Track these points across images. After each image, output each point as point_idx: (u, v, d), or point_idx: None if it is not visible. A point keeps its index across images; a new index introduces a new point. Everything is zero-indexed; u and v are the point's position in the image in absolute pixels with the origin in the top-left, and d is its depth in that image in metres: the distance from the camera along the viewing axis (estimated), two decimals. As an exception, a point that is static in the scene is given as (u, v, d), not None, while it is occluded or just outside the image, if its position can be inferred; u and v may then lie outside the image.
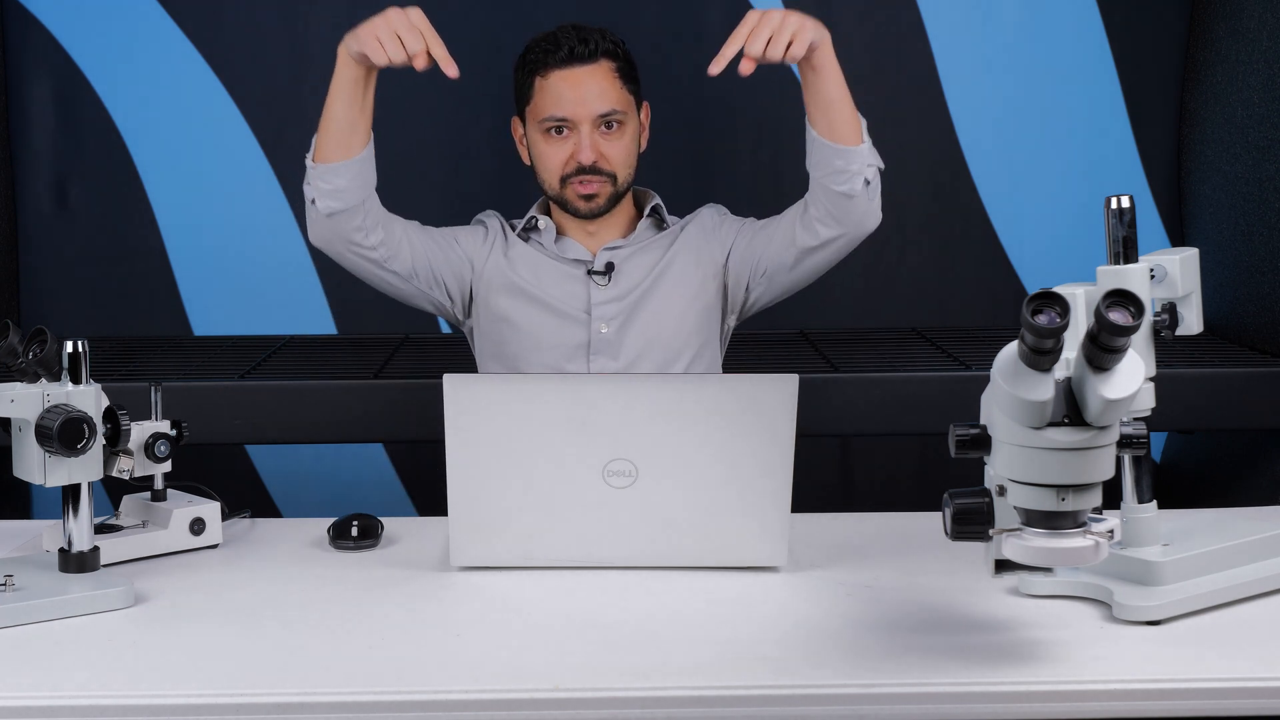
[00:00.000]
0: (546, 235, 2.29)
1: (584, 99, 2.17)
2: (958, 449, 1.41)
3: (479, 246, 2.30)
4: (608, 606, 1.61)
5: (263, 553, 1.85)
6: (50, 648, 1.49)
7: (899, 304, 3.28)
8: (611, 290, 2.25)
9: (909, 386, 2.68)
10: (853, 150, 2.09)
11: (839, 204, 2.12)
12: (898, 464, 3.32)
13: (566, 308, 2.24)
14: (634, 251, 2.28)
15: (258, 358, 2.92)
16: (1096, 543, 1.38)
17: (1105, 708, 1.38)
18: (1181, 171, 3.26)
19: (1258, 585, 1.61)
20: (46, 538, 1.83)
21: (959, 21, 3.24)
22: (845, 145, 2.09)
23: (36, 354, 1.63)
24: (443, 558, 1.79)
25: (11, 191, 3.22)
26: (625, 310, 2.24)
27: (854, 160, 2.09)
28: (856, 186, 2.11)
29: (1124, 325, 1.27)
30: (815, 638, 1.51)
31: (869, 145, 2.11)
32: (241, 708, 1.35)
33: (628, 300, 2.24)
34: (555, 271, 2.27)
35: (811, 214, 2.16)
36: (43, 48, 3.21)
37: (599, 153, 2.19)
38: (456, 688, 1.38)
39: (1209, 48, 3.12)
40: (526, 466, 1.69)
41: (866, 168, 2.11)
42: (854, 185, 2.10)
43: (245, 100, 3.23)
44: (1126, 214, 1.61)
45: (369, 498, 3.22)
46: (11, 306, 3.20)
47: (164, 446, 1.80)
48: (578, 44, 2.18)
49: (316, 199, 2.12)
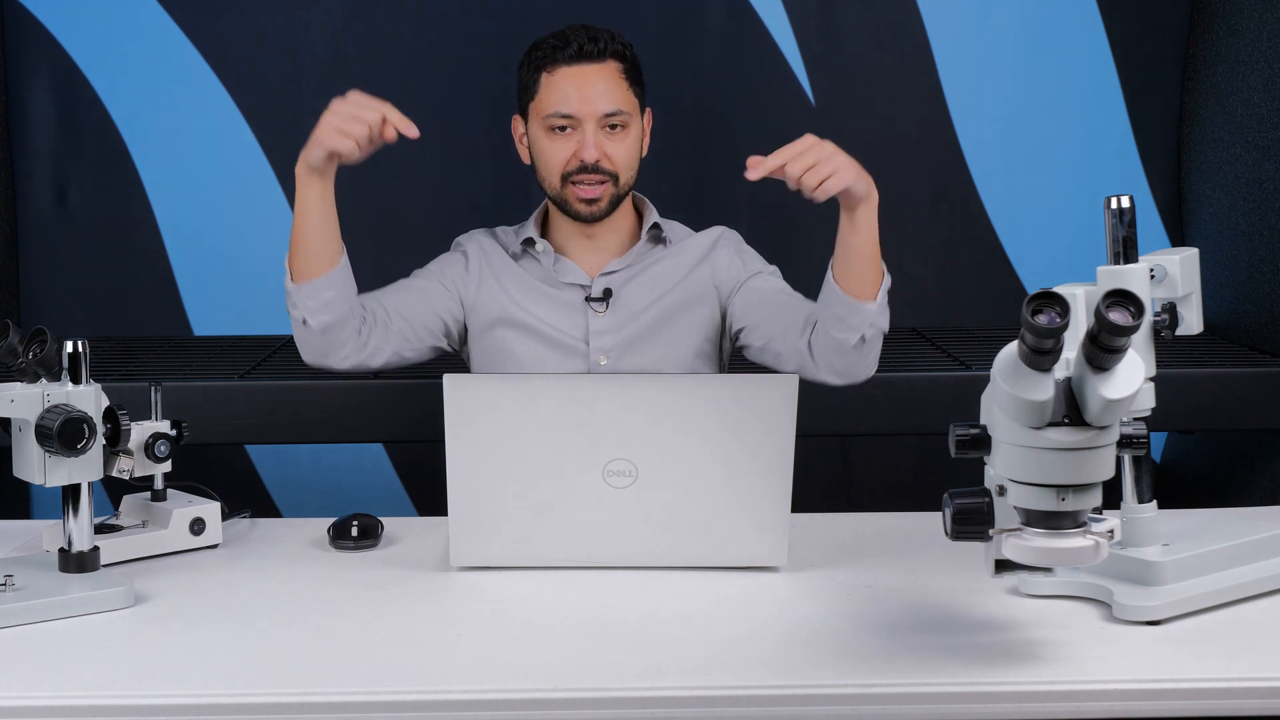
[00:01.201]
0: (545, 257, 2.25)
1: (590, 97, 2.16)
2: (958, 449, 1.41)
3: (463, 277, 2.25)
4: (608, 606, 1.61)
5: (263, 553, 1.85)
6: (50, 648, 1.49)
7: (899, 304, 3.25)
8: (609, 319, 2.22)
9: (909, 386, 2.67)
10: (859, 305, 2.03)
11: (834, 347, 2.07)
12: (898, 464, 3.32)
13: (564, 338, 2.21)
14: (633, 274, 2.25)
15: (258, 358, 2.91)
16: (1096, 543, 1.38)
17: (1105, 708, 1.38)
18: (1181, 171, 3.26)
19: (1258, 585, 1.61)
20: (46, 538, 1.83)
21: (959, 21, 3.24)
22: (854, 299, 2.03)
23: (36, 354, 1.63)
24: (443, 558, 1.79)
25: (11, 191, 3.22)
26: (624, 342, 2.21)
27: (857, 314, 2.04)
28: (851, 339, 2.05)
29: (1124, 325, 1.27)
30: (815, 638, 1.51)
31: (880, 305, 2.05)
32: (241, 708, 1.35)
33: (626, 332, 2.21)
34: (552, 299, 2.23)
35: (815, 347, 2.10)
36: (43, 48, 3.20)
37: (602, 152, 2.17)
38: (456, 688, 1.38)
39: (1209, 48, 3.12)
40: (526, 466, 1.69)
41: (868, 326, 2.05)
42: (849, 337, 2.05)
43: (245, 100, 3.22)
44: (1126, 214, 1.61)
45: (369, 498, 3.22)
46: (11, 306, 3.20)
47: (164, 446, 1.80)
48: (587, 42, 2.17)
49: (307, 318, 2.09)
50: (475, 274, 2.26)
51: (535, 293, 2.24)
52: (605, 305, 2.22)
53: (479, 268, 2.26)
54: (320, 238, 2.06)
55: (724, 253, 2.28)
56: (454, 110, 3.22)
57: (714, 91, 3.22)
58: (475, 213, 2.43)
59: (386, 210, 3.19)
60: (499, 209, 2.43)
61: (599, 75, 2.17)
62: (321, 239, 2.06)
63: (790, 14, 3.22)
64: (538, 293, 2.24)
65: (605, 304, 2.22)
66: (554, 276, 2.24)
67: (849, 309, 2.04)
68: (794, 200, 2.24)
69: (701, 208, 2.39)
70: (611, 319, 2.22)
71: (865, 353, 2.08)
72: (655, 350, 2.21)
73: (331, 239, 2.07)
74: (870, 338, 2.07)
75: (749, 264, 2.28)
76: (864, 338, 2.06)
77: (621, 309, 2.22)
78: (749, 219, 2.39)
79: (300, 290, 2.09)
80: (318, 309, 2.09)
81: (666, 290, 2.24)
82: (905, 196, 3.16)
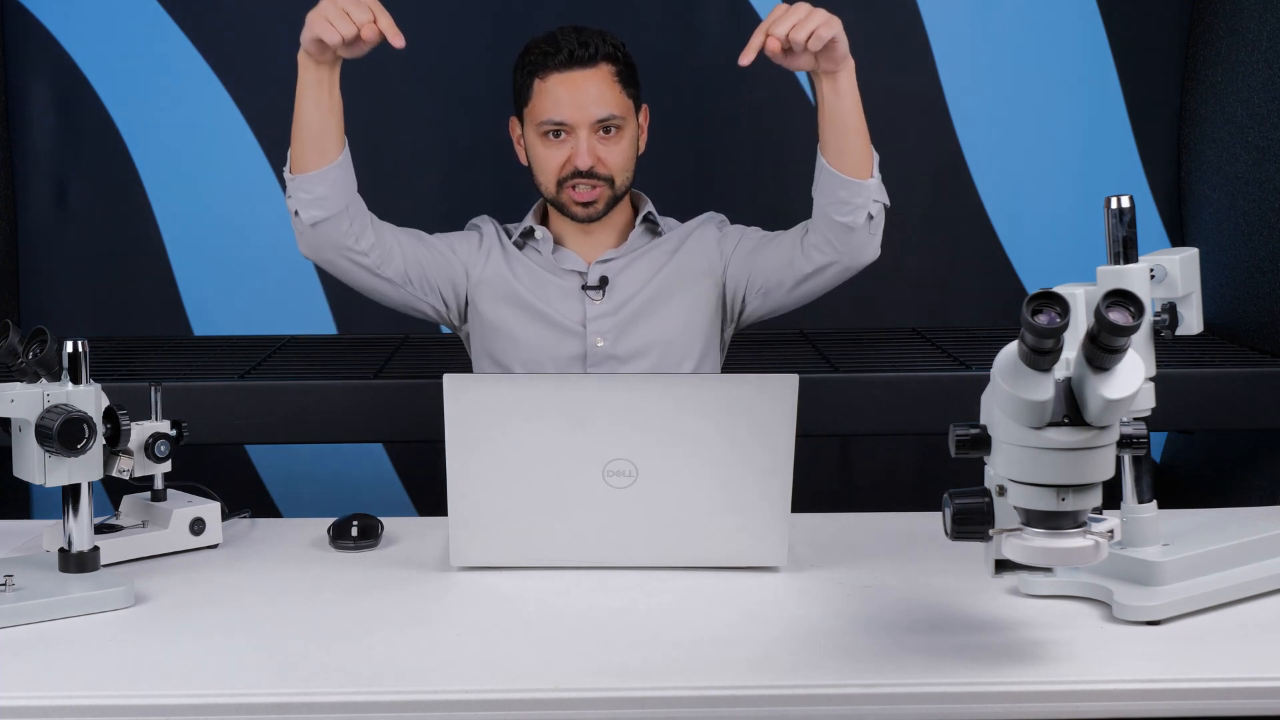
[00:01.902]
0: (544, 245, 2.28)
1: (582, 103, 2.17)
2: (958, 449, 1.41)
3: (474, 253, 2.28)
4: (608, 606, 1.61)
5: (263, 553, 1.85)
6: (50, 648, 1.49)
7: (899, 304, 3.28)
8: (606, 305, 2.24)
9: (909, 386, 2.68)
10: (859, 184, 2.08)
11: (838, 233, 2.12)
12: (898, 464, 3.33)
13: (563, 320, 2.23)
14: (629, 262, 2.27)
15: (258, 358, 2.92)
16: (1096, 543, 1.38)
17: (1105, 708, 1.38)
18: (1181, 171, 3.26)
19: (1258, 585, 1.61)
20: (46, 538, 1.83)
21: (959, 21, 3.24)
22: (853, 178, 2.07)
23: (36, 354, 1.63)
24: (443, 558, 1.79)
25: (11, 191, 3.22)
26: (620, 324, 2.23)
27: (859, 193, 2.08)
28: (859, 219, 2.10)
29: (1124, 325, 1.27)
30: (815, 638, 1.51)
31: (877, 181, 2.10)
32: (241, 708, 1.35)
33: (622, 314, 2.24)
34: (552, 283, 2.26)
35: (810, 239, 2.16)
36: (43, 48, 3.21)
37: (596, 157, 2.18)
38: (456, 688, 1.38)
39: (1209, 48, 3.12)
40: (526, 466, 1.69)
41: (871, 203, 2.10)
42: (856, 218, 2.10)
43: (245, 100, 3.22)
44: (1126, 214, 1.61)
45: (369, 498, 3.22)
46: (11, 306, 3.20)
47: (164, 446, 1.80)
48: (577, 47, 2.17)
49: (300, 210, 2.11)
50: (485, 251, 2.29)
51: (537, 276, 2.26)
52: (602, 293, 2.24)
53: (490, 246, 2.29)
54: (316, 125, 2.07)
55: (708, 229, 2.32)
56: (454, 110, 3.22)
57: (714, 91, 3.21)
58: (475, 213, 2.43)
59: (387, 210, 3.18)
60: (499, 209, 2.43)
61: (591, 80, 2.17)
62: (318, 126, 2.07)
63: (790, 14, 3.22)
64: (539, 277, 2.26)
65: (601, 292, 2.24)
66: (553, 263, 2.26)
67: (850, 189, 2.08)
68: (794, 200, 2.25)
69: (701, 207, 2.39)
70: (608, 305, 2.24)
71: (874, 231, 2.13)
72: (650, 329, 2.23)
73: (327, 130, 2.07)
74: (876, 214, 2.11)
75: (732, 234, 2.32)
76: (870, 215, 2.10)
77: (617, 295, 2.25)
78: (748, 219, 2.38)
79: (295, 181, 2.10)
80: (310, 203, 2.10)
81: (664, 275, 2.26)
82: (905, 196, 3.16)
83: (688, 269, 2.27)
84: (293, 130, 2.09)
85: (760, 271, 2.24)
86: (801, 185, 2.20)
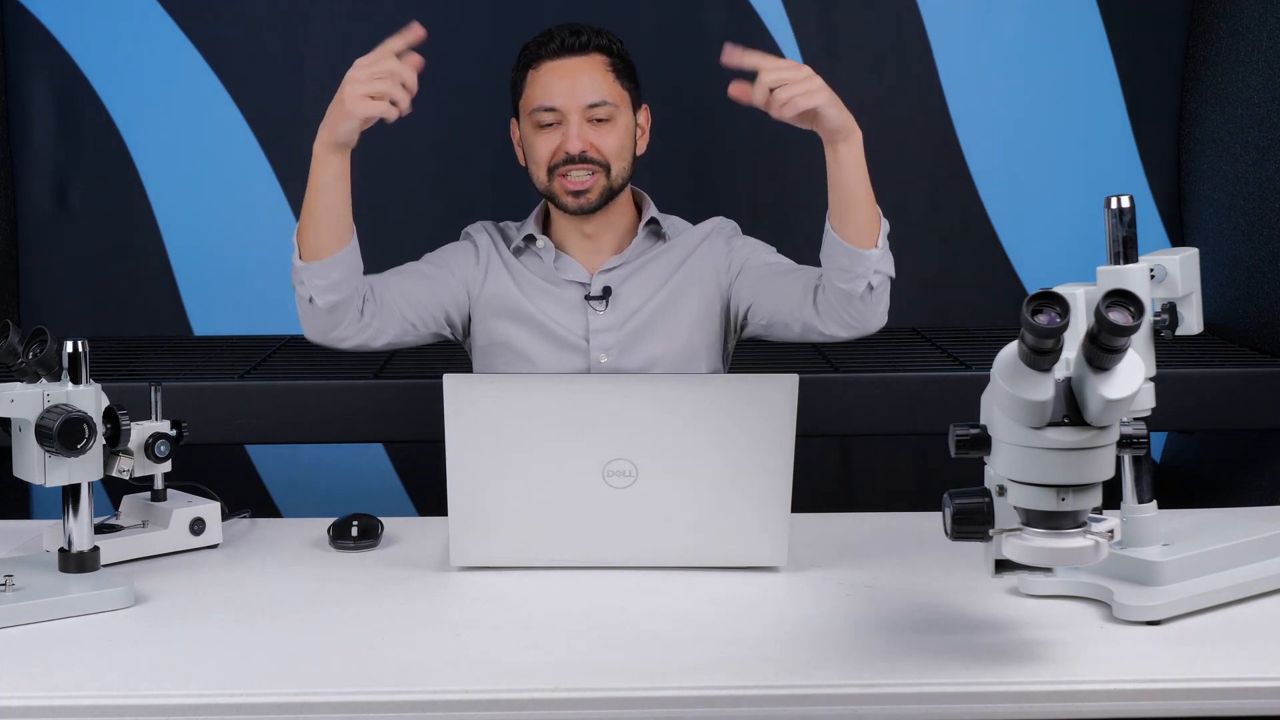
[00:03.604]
0: (545, 254, 2.24)
1: (573, 89, 2.16)
2: (958, 449, 1.41)
3: (471, 269, 2.25)
4: (608, 606, 1.61)
5: (263, 553, 1.85)
6: (50, 648, 1.49)
7: (899, 304, 3.24)
8: (609, 317, 2.21)
9: (909, 386, 2.68)
10: (861, 253, 2.01)
11: (841, 299, 2.06)
12: (898, 464, 3.32)
13: (565, 334, 2.21)
14: (632, 271, 2.24)
15: (258, 358, 2.92)
16: (1096, 543, 1.38)
17: (1105, 708, 1.38)
18: (1181, 171, 3.26)
19: (1258, 585, 1.61)
20: (46, 538, 1.83)
21: (959, 22, 3.24)
22: (855, 246, 2.01)
23: (36, 354, 1.63)
24: (443, 558, 1.79)
25: (11, 191, 3.22)
26: (624, 339, 2.21)
27: (860, 262, 2.02)
28: (858, 288, 2.04)
29: (1124, 325, 1.27)
30: (815, 638, 1.51)
31: (882, 251, 2.03)
32: (241, 708, 1.35)
33: (626, 329, 2.21)
34: (553, 296, 2.23)
35: (821, 302, 2.10)
36: (43, 48, 3.21)
37: (588, 142, 2.16)
38: (456, 688, 1.38)
39: (1209, 48, 3.12)
40: (526, 466, 1.69)
41: (873, 274, 2.03)
42: (855, 286, 2.04)
43: (245, 100, 3.23)
44: (1126, 214, 1.61)
45: (369, 498, 3.22)
46: (11, 306, 3.20)
47: (164, 446, 1.79)
48: (569, 36, 2.17)
49: (314, 296, 2.06)
50: (484, 265, 2.26)
51: (538, 288, 2.24)
52: (605, 304, 2.22)
53: (488, 259, 2.26)
54: (334, 217, 2.03)
55: (717, 243, 2.28)
56: (454, 110, 3.22)
57: (714, 91, 3.20)
58: (475, 213, 2.43)
59: (387, 210, 3.19)
60: (499, 209, 2.43)
61: (582, 67, 2.17)
62: (335, 218, 2.03)
63: (790, 14, 3.22)
64: (540, 288, 2.24)
65: (605, 302, 2.22)
66: (554, 273, 2.24)
67: (851, 258, 2.03)
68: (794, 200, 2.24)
69: (701, 207, 2.38)
70: (611, 317, 2.22)
71: (874, 301, 2.07)
72: (655, 344, 2.21)
73: (344, 218, 2.04)
74: (877, 285, 2.05)
75: (741, 249, 2.27)
76: (871, 285, 2.05)
77: (621, 306, 2.22)
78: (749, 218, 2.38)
79: (309, 269, 2.05)
80: (325, 288, 2.06)
81: (663, 284, 2.24)
82: (905, 196, 3.16)
83: (695, 282, 2.23)
84: (303, 220, 2.03)
85: (767, 304, 2.18)
86: (801, 185, 2.20)
